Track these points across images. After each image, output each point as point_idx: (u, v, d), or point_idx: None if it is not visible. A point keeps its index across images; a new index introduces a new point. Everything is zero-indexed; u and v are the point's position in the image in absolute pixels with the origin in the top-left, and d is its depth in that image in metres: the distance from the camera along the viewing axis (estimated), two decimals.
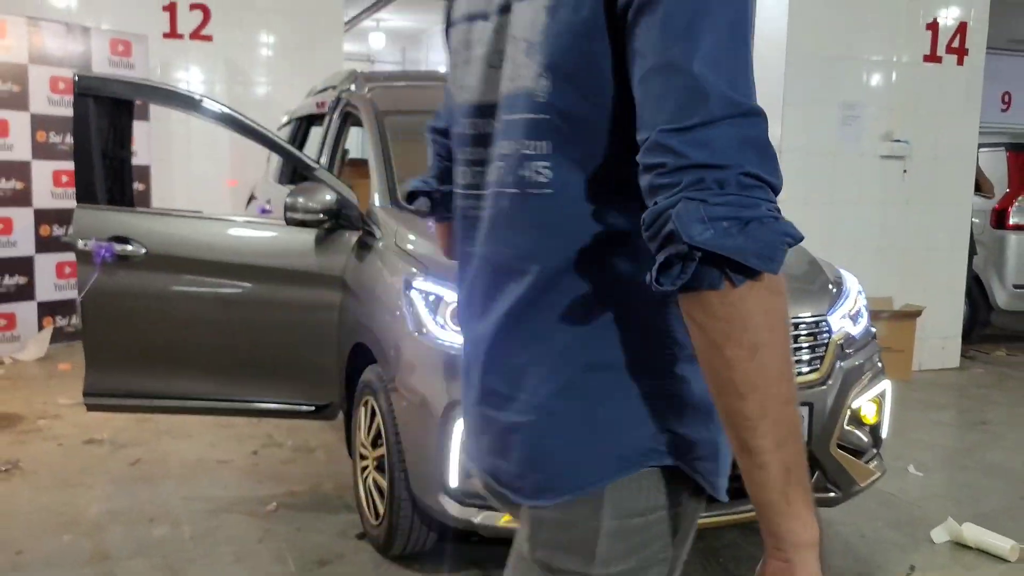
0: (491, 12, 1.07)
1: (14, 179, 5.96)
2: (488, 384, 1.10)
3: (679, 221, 0.83)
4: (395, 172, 3.56)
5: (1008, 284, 6.92)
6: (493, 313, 1.07)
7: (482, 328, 1.10)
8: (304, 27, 7.81)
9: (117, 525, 3.34)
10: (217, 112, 3.52)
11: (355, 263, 3.33)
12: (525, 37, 0.99)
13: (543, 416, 1.04)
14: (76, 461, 4.02)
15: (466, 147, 1.14)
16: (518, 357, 1.05)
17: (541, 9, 0.97)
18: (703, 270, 0.83)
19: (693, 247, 0.82)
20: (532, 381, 1.04)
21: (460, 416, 2.57)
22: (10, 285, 6.00)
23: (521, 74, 1.00)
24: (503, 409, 1.07)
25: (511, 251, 1.05)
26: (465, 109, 1.13)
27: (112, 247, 3.34)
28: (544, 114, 0.98)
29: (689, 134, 0.84)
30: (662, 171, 0.86)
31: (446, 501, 2.67)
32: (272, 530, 3.31)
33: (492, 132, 1.07)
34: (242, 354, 3.47)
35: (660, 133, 0.86)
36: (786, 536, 0.90)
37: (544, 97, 0.98)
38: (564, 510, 1.03)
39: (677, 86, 0.86)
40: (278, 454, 4.16)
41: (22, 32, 5.96)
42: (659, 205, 0.85)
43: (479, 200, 1.10)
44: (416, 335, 2.80)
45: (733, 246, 0.82)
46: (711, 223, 0.82)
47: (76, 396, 4.82)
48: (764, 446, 0.88)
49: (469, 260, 1.14)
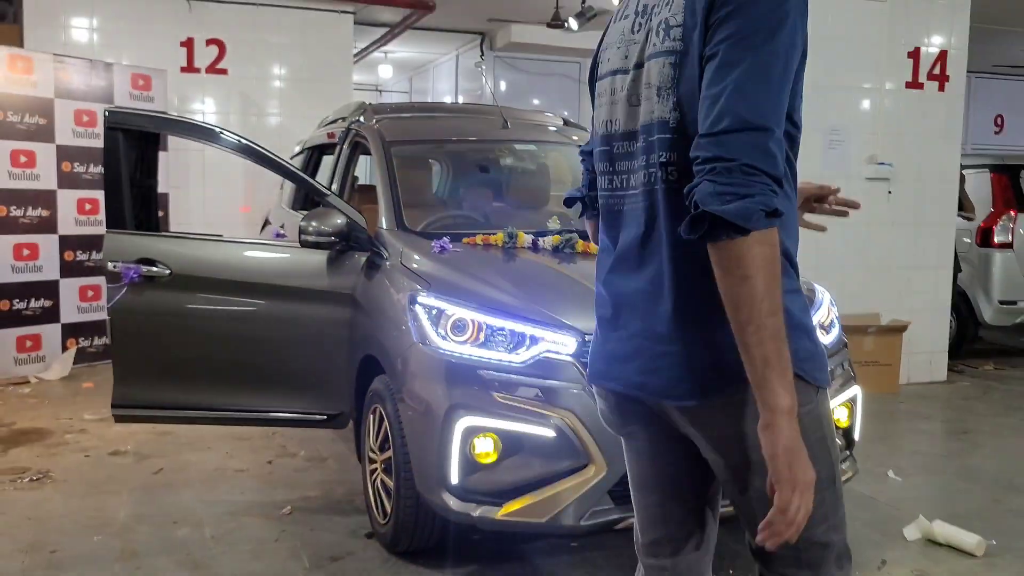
0: (629, 68, 1.56)
1: (40, 207, 6.27)
2: (647, 322, 1.52)
3: (699, 195, 1.30)
4: (401, 198, 3.84)
5: (994, 300, 7.15)
6: (647, 271, 1.52)
7: (636, 282, 1.54)
8: (315, 60, 8.16)
9: (143, 527, 3.60)
10: (236, 143, 3.80)
11: (364, 281, 3.60)
12: (657, 84, 1.47)
13: (692, 342, 1.46)
14: (103, 471, 4.28)
15: (612, 162, 1.61)
16: (667, 303, 1.48)
17: (667, 65, 1.45)
18: (715, 228, 1.28)
19: (705, 211, 1.27)
20: (679, 318, 1.47)
21: (460, 418, 2.85)
22: (36, 308, 6.29)
23: (656, 108, 1.47)
24: (658, 340, 1.50)
25: (657, 230, 1.50)
26: (613, 136, 1.60)
27: (139, 268, 3.62)
28: (674, 135, 1.45)
29: (713, 138, 1.32)
30: (697, 162, 1.33)
31: (448, 497, 2.91)
32: (287, 530, 3.56)
33: (634, 151, 1.54)
34: (259, 367, 3.73)
35: (699, 138, 1.35)
36: (767, 402, 1.31)
37: (674, 124, 1.45)
38: (713, 408, 1.47)
39: (713, 108, 1.33)
40: (292, 463, 4.41)
41: (48, 68, 6.30)
42: (692, 183, 1.33)
43: (623, 198, 1.58)
44: (420, 346, 3.06)
45: (725, 211, 1.27)
46: (717, 196, 1.28)
47: (100, 412, 5.14)
48: (750, 342, 1.31)
49: (614, 240, 1.61)
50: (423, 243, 3.54)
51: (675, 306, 1.47)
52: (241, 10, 7.83)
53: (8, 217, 6.10)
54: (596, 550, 3.40)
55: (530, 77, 11.51)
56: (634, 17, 1.57)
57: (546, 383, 2.86)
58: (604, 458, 2.81)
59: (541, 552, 3.41)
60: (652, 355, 1.51)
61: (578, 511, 2.83)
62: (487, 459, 2.87)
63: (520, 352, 2.92)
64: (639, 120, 1.52)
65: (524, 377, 2.88)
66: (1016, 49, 11.37)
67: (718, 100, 1.32)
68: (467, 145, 4.62)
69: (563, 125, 4.88)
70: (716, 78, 1.34)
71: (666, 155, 1.46)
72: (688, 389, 1.47)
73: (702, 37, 1.38)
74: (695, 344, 1.46)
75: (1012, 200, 7.32)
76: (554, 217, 3.87)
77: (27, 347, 6.26)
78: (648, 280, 1.51)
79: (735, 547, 3.11)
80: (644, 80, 1.50)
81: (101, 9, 7.52)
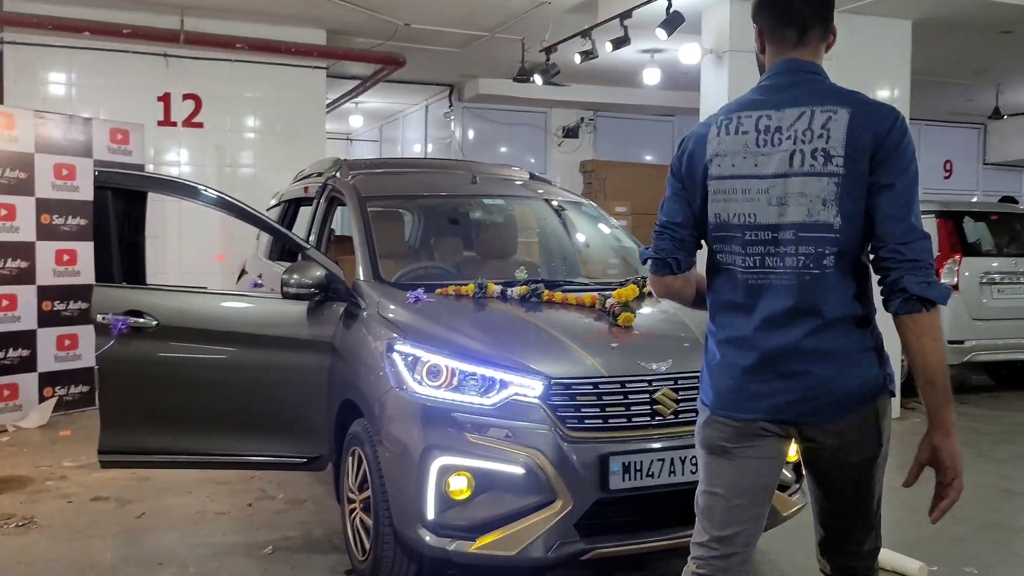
0: (765, 175, 2.02)
1: (20, 259, 6.42)
2: (802, 362, 2.02)
3: (907, 282, 1.90)
4: (377, 250, 4.07)
5: (943, 340, 7.49)
6: (796, 330, 2.01)
7: (785, 337, 2.02)
8: (289, 113, 8.43)
9: (129, 567, 3.74)
10: (219, 200, 4.02)
11: (343, 330, 3.81)
12: (819, 195, 1.97)
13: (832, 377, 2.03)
14: (86, 516, 4.41)
15: (744, 246, 2.06)
16: (818, 349, 2.01)
17: (831, 183, 1.96)
18: (916, 304, 1.90)
19: (912, 294, 1.89)
20: (828, 360, 2.02)
21: (435, 458, 3.06)
22: (14, 357, 6.41)
23: (820, 212, 1.97)
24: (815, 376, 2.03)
25: (811, 301, 2.00)
26: (747, 226, 2.05)
27: (127, 320, 3.79)
28: (835, 234, 1.97)
29: (907, 246, 1.92)
30: (895, 260, 1.92)
31: (424, 532, 3.11)
32: (269, 569, 3.72)
33: (779, 238, 2.01)
34: (242, 413, 3.91)
35: (896, 244, 1.92)
36: (945, 419, 1.96)
37: (837, 227, 1.97)
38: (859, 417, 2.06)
39: (904, 224, 1.93)
40: (271, 506, 4.57)
41: (29, 124, 6.48)
42: (892, 276, 1.92)
43: (767, 276, 2.03)
44: (398, 390, 3.27)
45: (937, 296, 1.89)
46: (922, 285, 1.89)
47: (79, 459, 5.27)
48: (937, 380, 1.93)
49: (751, 306, 2.06)
50: (399, 294, 3.76)
51: (825, 355, 2.01)
52: (217, 66, 8.10)
53: None
54: None
55: (497, 127, 11.87)
56: (755, 135, 2.05)
57: (515, 424, 3.08)
58: (570, 493, 3.03)
59: None
60: (803, 387, 2.02)
61: (547, 543, 3.04)
62: (461, 496, 3.07)
63: (491, 395, 3.14)
64: (786, 218, 2.00)
65: (494, 419, 3.10)
66: (962, 99, 11.95)
67: (903, 220, 1.93)
68: (438, 200, 4.87)
69: (529, 179, 5.16)
70: (898, 202, 1.93)
71: (827, 249, 1.98)
72: (839, 408, 2.04)
73: (867, 167, 1.94)
74: (836, 377, 2.02)
75: (957, 244, 7.72)
76: (521, 268, 4.12)
77: (5, 396, 6.36)
78: (801, 336, 2.01)
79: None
80: (795, 189, 1.99)
81: (80, 65, 7.75)
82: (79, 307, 6.77)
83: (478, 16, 7.96)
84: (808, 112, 2.00)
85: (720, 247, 2.11)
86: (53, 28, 7.43)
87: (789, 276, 2.00)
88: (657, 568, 3.70)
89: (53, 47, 7.66)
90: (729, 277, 2.10)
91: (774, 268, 2.02)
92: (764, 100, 2.07)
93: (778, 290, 2.02)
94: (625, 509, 3.19)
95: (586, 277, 4.50)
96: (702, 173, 2.11)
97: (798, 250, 1.98)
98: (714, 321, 2.16)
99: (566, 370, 3.19)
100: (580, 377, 3.18)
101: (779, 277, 2.01)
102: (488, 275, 3.98)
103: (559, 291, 3.79)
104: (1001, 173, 14.47)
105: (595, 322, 3.56)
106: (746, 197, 2.04)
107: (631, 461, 3.10)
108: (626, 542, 3.19)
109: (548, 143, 12.03)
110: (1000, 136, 13.83)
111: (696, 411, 2.27)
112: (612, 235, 4.90)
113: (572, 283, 4.11)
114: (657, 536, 3.22)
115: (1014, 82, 10.75)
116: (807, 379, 2.02)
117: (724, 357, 2.11)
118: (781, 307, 2.01)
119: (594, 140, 12.20)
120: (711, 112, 2.18)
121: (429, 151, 12.51)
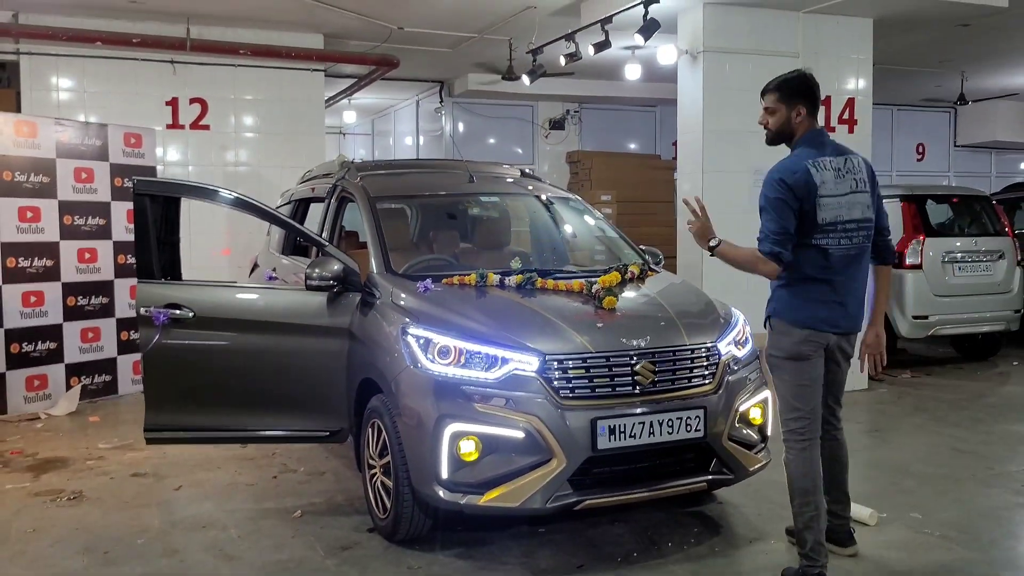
0: (846, 192, 3.49)
1: (46, 257, 6.88)
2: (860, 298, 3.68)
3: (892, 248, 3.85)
4: (387, 245, 4.55)
5: (908, 315, 8.03)
6: (859, 280, 3.62)
7: (856, 285, 3.60)
8: (290, 113, 8.88)
9: (177, 531, 4.24)
10: (241, 202, 4.47)
11: (360, 317, 4.30)
12: (867, 204, 3.56)
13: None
14: (129, 489, 4.90)
15: (847, 233, 3.49)
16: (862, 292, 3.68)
17: (870, 197, 3.58)
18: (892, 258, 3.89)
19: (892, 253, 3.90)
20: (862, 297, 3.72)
21: (447, 425, 3.56)
22: (42, 350, 6.88)
23: (868, 211, 3.56)
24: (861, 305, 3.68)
25: (863, 265, 3.64)
26: (847, 221, 3.49)
27: (168, 312, 4.27)
28: (872, 224, 3.60)
29: (887, 230, 3.76)
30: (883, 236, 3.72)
31: (439, 489, 3.61)
32: (301, 529, 4.22)
33: (855, 229, 3.52)
34: (270, 393, 4.40)
35: (884, 230, 3.73)
36: (879, 323, 3.80)
37: (871, 221, 3.59)
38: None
39: (886, 221, 3.75)
40: (294, 477, 5.07)
41: (50, 131, 6.93)
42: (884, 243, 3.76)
43: (851, 249, 3.51)
44: (412, 368, 3.76)
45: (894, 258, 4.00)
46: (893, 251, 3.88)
47: (112, 441, 5.77)
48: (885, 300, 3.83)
49: (846, 269, 3.54)
50: (409, 284, 4.25)
51: (862, 295, 3.65)
52: (222, 71, 8.53)
53: (17, 267, 6.70)
54: (559, 533, 4.11)
55: (486, 120, 12.33)
56: (834, 171, 3.48)
57: (515, 394, 3.59)
58: (564, 453, 3.54)
59: (513, 536, 4.11)
60: (859, 311, 3.61)
61: (544, 496, 3.55)
62: (470, 457, 3.58)
63: (494, 371, 3.64)
64: (857, 216, 3.49)
65: (497, 390, 3.61)
66: (931, 85, 12.45)
67: (886, 218, 3.73)
68: (439, 198, 5.35)
69: (520, 176, 5.64)
70: (883, 211, 3.68)
71: (868, 233, 3.55)
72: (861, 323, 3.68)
73: (873, 191, 3.59)
74: (862, 307, 3.66)
75: (920, 226, 8.24)
76: (516, 258, 4.61)
77: (35, 386, 6.83)
78: (862, 281, 3.63)
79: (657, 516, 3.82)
80: (859, 201, 3.51)
81: (92, 73, 8.17)
82: (100, 302, 7.25)
83: (467, 19, 8.41)
84: (847, 158, 3.55)
85: (819, 236, 3.46)
86: (66, 39, 7.84)
87: (859, 248, 3.53)
88: (640, 519, 4.21)
89: (67, 56, 8.07)
90: (819, 252, 3.47)
91: (855, 245, 3.51)
92: (822, 151, 3.51)
93: (855, 257, 3.53)
94: (611, 466, 3.71)
95: (574, 265, 5.00)
96: (815, 192, 3.44)
97: (860, 234, 3.52)
98: (805, 279, 3.50)
99: (559, 347, 3.70)
100: (571, 353, 3.68)
101: (856, 250, 3.52)
102: (486, 264, 4.48)
103: (551, 279, 4.29)
104: (972, 154, 15.00)
105: (583, 305, 4.06)
106: (838, 204, 3.47)
107: (616, 424, 3.61)
108: (612, 494, 3.71)
109: (535, 135, 12.50)
110: (969, 119, 14.33)
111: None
112: (597, 226, 5.39)
113: (562, 271, 4.61)
114: (639, 489, 3.74)
115: (977, 70, 11.26)
116: (853, 307, 3.59)
117: (827, 293, 3.51)
118: (856, 266, 3.55)
119: (579, 131, 12.67)
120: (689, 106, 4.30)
121: (420, 144, 12.96)
